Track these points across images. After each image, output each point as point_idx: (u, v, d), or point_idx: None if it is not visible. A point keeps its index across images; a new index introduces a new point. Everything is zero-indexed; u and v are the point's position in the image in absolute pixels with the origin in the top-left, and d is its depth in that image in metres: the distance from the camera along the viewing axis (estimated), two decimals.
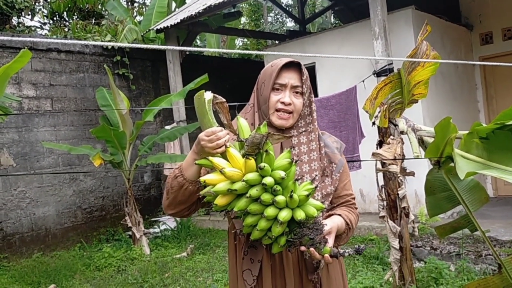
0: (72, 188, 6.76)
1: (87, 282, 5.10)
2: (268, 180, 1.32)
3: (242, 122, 1.47)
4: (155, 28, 7.56)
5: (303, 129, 1.61)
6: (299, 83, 1.57)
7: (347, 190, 1.68)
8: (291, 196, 1.31)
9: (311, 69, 7.00)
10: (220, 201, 1.36)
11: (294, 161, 1.39)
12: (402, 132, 2.84)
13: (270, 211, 1.32)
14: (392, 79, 2.52)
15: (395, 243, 3.59)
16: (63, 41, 0.97)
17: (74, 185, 6.78)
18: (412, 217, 3.64)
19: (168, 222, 7.12)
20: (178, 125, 7.22)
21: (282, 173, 1.32)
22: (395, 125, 3.12)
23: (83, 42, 0.98)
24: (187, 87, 6.25)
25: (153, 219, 7.54)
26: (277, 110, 1.57)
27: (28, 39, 1.35)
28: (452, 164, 2.29)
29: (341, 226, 1.52)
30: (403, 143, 3.19)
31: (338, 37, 6.69)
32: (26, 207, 6.24)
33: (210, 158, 1.38)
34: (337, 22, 13.18)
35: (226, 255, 5.66)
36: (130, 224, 6.11)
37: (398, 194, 3.60)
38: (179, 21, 6.99)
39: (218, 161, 1.38)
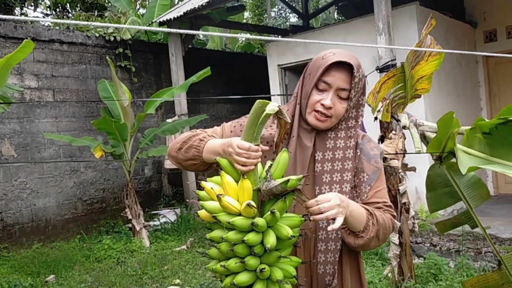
0: (72, 179, 6.76)
1: (87, 273, 5.11)
2: (250, 238, 1.23)
3: (283, 157, 1.32)
4: (157, 21, 7.54)
5: (343, 133, 1.46)
6: (347, 86, 1.40)
7: (379, 198, 1.49)
8: (261, 270, 1.24)
9: None
10: (203, 215, 1.33)
11: (291, 236, 1.26)
12: (404, 127, 2.83)
13: (232, 265, 1.27)
14: (395, 73, 2.51)
15: (395, 238, 3.59)
16: (59, 21, 0.96)
17: (74, 177, 6.79)
18: (412, 213, 3.64)
19: (168, 216, 7.12)
20: (179, 118, 7.22)
21: (268, 245, 1.22)
22: (397, 120, 3.11)
23: (80, 23, 0.97)
24: (189, 80, 6.24)
25: (153, 212, 7.55)
26: (315, 111, 1.42)
27: (25, 18, 1.34)
28: (453, 160, 2.29)
29: (358, 210, 1.37)
30: (405, 138, 3.18)
31: (342, 32, 6.67)
32: (26, 198, 6.25)
33: (222, 173, 1.29)
34: (340, 18, 13.13)
35: None
36: (130, 217, 6.12)
37: (399, 189, 3.59)
38: (182, 14, 6.97)
39: (227, 180, 1.28)
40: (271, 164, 1.32)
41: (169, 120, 7.02)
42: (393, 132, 3.19)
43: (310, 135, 1.45)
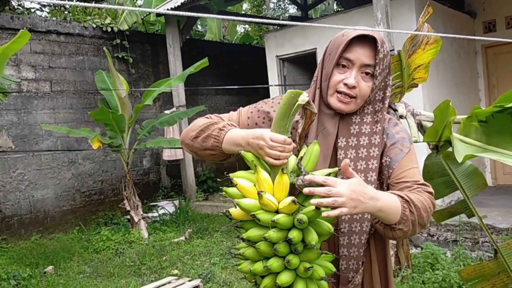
0: (71, 171, 6.76)
1: (85, 264, 5.13)
2: (295, 236, 1.16)
3: (315, 149, 1.26)
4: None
5: (369, 117, 1.34)
6: (371, 61, 1.28)
7: (410, 177, 1.30)
8: (307, 269, 1.17)
9: (313, 55, 6.96)
10: (236, 213, 1.24)
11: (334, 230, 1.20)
12: (401, 117, 2.81)
13: (275, 265, 1.18)
14: (392, 61, 2.49)
15: None
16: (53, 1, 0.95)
17: (73, 168, 6.78)
18: None
19: (167, 207, 7.13)
20: (177, 109, 7.20)
21: (313, 242, 1.16)
22: (395, 110, 3.09)
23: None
24: (187, 71, 6.22)
25: (152, 203, 7.56)
26: (338, 92, 1.30)
27: None
28: (450, 149, 2.29)
29: (390, 203, 1.18)
30: None
31: (340, 22, 6.62)
32: (25, 190, 6.25)
33: (258, 169, 1.20)
34: (339, 9, 13.07)
35: (224, 239, 5.68)
36: (128, 208, 6.12)
37: None
38: (179, 4, 6.92)
39: (263, 176, 1.20)
40: (301, 157, 1.24)
41: (167, 112, 7.01)
42: None
43: (333, 120, 1.34)
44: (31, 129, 6.36)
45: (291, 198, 1.16)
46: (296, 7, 12.71)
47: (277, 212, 1.19)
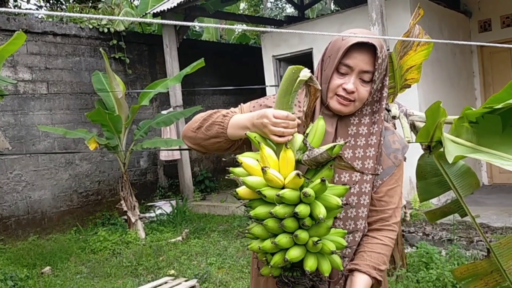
0: (68, 172, 6.76)
1: (82, 265, 5.14)
2: (302, 210, 1.15)
3: (320, 125, 1.26)
4: (151, 12, 7.50)
5: (367, 119, 1.38)
6: (370, 68, 1.31)
7: (390, 197, 1.42)
8: (315, 243, 1.16)
9: (309, 55, 6.97)
10: (242, 192, 1.23)
11: (344, 203, 1.21)
12: (394, 117, 2.83)
13: (283, 240, 1.17)
14: None
15: None
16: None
17: (70, 169, 6.79)
18: (404, 202, 3.66)
19: (164, 207, 7.15)
20: (174, 110, 7.21)
21: (321, 215, 1.15)
22: (388, 110, 3.11)
23: None
24: (183, 71, 6.22)
25: (149, 203, 7.57)
26: (337, 95, 1.34)
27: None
28: (442, 149, 2.30)
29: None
30: (395, 128, 3.18)
31: (336, 22, 6.65)
32: (22, 190, 6.26)
33: (262, 146, 1.20)
34: (337, 8, 13.08)
35: (221, 239, 5.70)
36: (125, 208, 6.13)
37: None
38: (176, 5, 6.93)
39: (268, 152, 1.19)
40: (307, 133, 1.25)
41: (164, 112, 7.02)
42: None
43: (331, 120, 1.38)
44: (28, 130, 6.37)
45: (296, 171, 1.15)
46: (293, 7, 12.71)
47: (283, 188, 1.19)
